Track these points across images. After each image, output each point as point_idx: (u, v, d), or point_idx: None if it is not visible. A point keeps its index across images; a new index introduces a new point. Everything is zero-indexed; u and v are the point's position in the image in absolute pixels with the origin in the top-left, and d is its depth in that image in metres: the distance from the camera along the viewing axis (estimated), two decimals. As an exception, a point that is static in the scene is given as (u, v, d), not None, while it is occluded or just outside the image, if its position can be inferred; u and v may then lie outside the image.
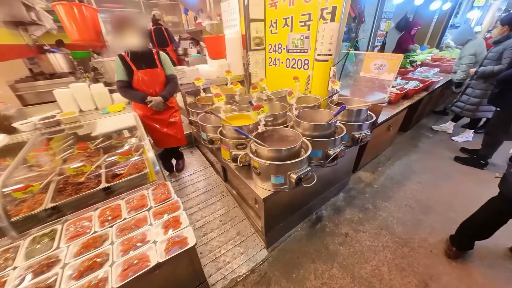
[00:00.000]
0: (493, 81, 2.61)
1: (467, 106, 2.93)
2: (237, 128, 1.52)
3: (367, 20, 4.96)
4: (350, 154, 2.20)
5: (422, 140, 3.42)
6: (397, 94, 2.65)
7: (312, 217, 2.06)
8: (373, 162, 2.88)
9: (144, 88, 1.84)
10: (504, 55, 2.42)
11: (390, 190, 2.37)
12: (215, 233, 1.85)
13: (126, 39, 1.62)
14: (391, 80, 1.96)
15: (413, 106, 3.04)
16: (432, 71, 3.78)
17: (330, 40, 2.08)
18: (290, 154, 1.43)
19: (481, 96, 2.78)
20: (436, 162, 2.83)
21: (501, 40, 2.49)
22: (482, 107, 2.82)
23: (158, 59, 1.87)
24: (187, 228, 1.12)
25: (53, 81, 2.64)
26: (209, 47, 2.68)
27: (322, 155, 1.72)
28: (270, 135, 1.72)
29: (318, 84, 2.40)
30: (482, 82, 2.74)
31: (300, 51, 2.53)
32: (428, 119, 4.16)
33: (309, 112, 1.96)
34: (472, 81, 2.86)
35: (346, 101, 2.16)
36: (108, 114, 2.12)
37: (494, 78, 2.56)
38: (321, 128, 1.66)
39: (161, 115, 2.01)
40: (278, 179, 1.44)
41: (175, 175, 2.52)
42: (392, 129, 2.75)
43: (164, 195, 1.34)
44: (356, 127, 1.92)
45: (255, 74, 3.19)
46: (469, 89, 2.90)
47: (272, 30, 2.81)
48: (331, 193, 2.29)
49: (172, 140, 2.15)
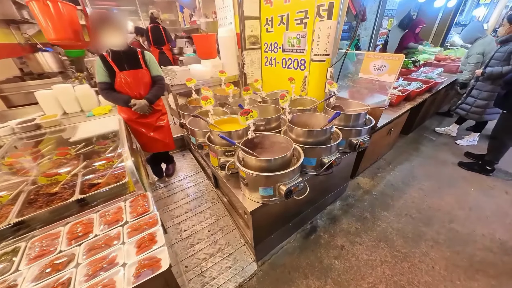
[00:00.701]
0: (501, 83, 2.48)
1: (473, 108, 2.79)
2: (222, 135, 1.41)
3: (369, 18, 4.81)
4: (348, 160, 2.08)
5: (424, 143, 3.28)
6: (398, 96, 2.52)
7: (306, 227, 1.95)
8: (373, 167, 2.75)
9: (128, 90, 1.73)
10: None
11: (390, 198, 2.25)
12: (202, 244, 1.75)
13: (105, 38, 1.51)
14: (391, 82, 1.84)
15: (415, 108, 2.91)
16: (436, 71, 3.64)
17: (327, 39, 1.96)
18: (280, 163, 1.31)
19: (488, 98, 2.63)
20: (439, 168, 2.70)
21: (509, 40, 2.34)
22: (490, 109, 2.68)
23: (143, 59, 1.76)
24: (161, 248, 1.01)
25: (41, 82, 2.55)
26: (199, 46, 2.56)
27: (316, 163, 1.61)
28: (261, 141, 1.61)
29: (314, 85, 2.28)
30: (489, 83, 2.60)
31: (297, 50, 2.41)
32: (432, 121, 4.01)
33: (304, 116, 1.84)
34: (478, 83, 2.72)
35: (344, 104, 2.04)
36: (93, 117, 2.02)
37: (502, 80, 2.43)
38: (315, 134, 1.55)
39: (147, 119, 1.90)
40: (267, 190, 1.33)
41: (164, 180, 2.42)
42: (393, 132, 2.62)
43: (142, 208, 1.24)
44: (354, 132, 1.80)
45: (251, 74, 3.07)
46: (474, 90, 2.76)
47: (268, 29, 2.69)
48: (327, 201, 2.17)
49: (160, 144, 2.04)
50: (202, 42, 2.45)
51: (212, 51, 2.59)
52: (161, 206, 2.08)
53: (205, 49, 2.53)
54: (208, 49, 2.53)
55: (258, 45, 2.92)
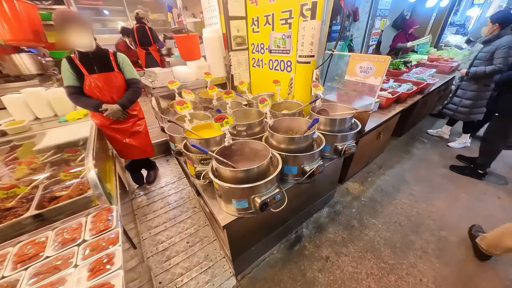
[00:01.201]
0: (486, 82, 2.44)
1: (459, 108, 2.75)
2: (193, 143, 1.31)
3: (361, 18, 4.73)
4: (334, 166, 2.00)
5: (416, 146, 3.21)
6: (388, 98, 2.44)
7: (291, 237, 1.86)
8: (363, 171, 2.68)
9: (99, 94, 1.63)
10: (496, 55, 2.24)
11: (379, 204, 2.17)
12: (179, 257, 1.65)
13: (69, 39, 1.41)
14: (377, 84, 1.76)
15: (407, 110, 2.84)
16: (428, 72, 3.58)
17: (312, 40, 1.87)
18: (256, 173, 1.22)
19: (473, 98, 2.61)
20: (430, 171, 2.63)
21: (491, 40, 2.30)
22: (476, 109, 2.64)
23: (115, 61, 1.66)
24: (116, 272, 0.92)
25: (14, 85, 2.43)
26: (181, 47, 2.46)
27: (297, 171, 1.52)
28: (240, 148, 1.52)
29: (300, 88, 2.20)
30: (473, 83, 2.57)
31: (282, 51, 2.32)
32: (425, 122, 3.96)
33: (287, 121, 1.76)
34: (462, 83, 2.70)
35: (330, 108, 1.96)
36: (66, 123, 1.91)
37: (486, 79, 2.41)
38: (295, 141, 1.46)
39: (122, 125, 1.80)
40: (241, 203, 1.24)
41: (145, 187, 2.31)
42: (383, 136, 2.54)
43: (104, 224, 1.14)
44: (340, 137, 1.72)
45: (238, 76, 2.97)
46: (460, 90, 2.74)
47: (254, 29, 2.60)
48: (314, 208, 2.09)
49: (136, 151, 1.94)
50: (184, 43, 2.35)
51: (195, 52, 2.49)
52: (139, 216, 1.98)
53: (188, 50, 2.43)
54: (190, 50, 2.43)
55: (245, 46, 2.83)
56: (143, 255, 1.64)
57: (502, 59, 2.17)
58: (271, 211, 1.29)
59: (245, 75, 3.02)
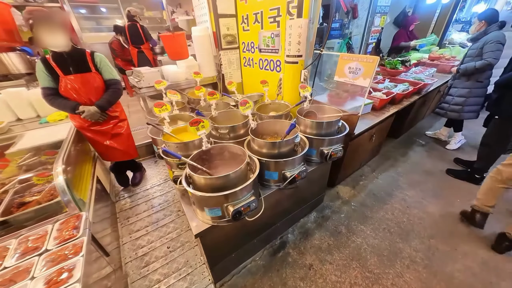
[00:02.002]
0: (477, 78, 2.42)
1: (451, 106, 2.66)
2: (164, 148, 1.26)
3: (361, 15, 4.60)
4: (322, 170, 1.93)
5: (413, 148, 3.12)
6: (381, 99, 2.35)
7: (275, 243, 1.81)
8: (356, 174, 2.60)
9: (75, 96, 1.59)
10: (484, 50, 2.25)
11: (370, 210, 2.10)
12: (158, 263, 1.61)
13: (41, 38, 1.36)
14: (366, 86, 1.67)
15: (404, 111, 2.74)
16: (428, 72, 3.45)
17: (299, 39, 1.80)
18: (231, 180, 1.17)
19: (465, 94, 2.54)
20: (426, 175, 2.54)
21: (478, 37, 2.33)
22: (468, 107, 2.56)
23: (92, 61, 1.61)
24: (73, 286, 0.88)
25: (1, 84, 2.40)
26: (167, 46, 2.40)
27: (278, 177, 1.46)
28: (219, 152, 1.46)
29: (289, 89, 2.12)
30: (465, 80, 2.52)
31: (272, 51, 2.25)
32: (424, 123, 3.84)
33: (270, 124, 1.69)
34: (455, 81, 2.64)
35: (318, 110, 1.89)
36: (47, 124, 1.88)
37: (478, 75, 2.40)
38: (275, 146, 1.40)
39: (101, 127, 1.75)
40: (214, 211, 1.18)
41: (130, 189, 2.28)
42: (376, 138, 2.46)
43: (69, 233, 1.10)
44: (326, 141, 1.65)
45: (229, 75, 2.91)
46: (452, 89, 2.67)
47: (245, 27, 2.53)
48: (301, 213, 2.03)
49: (118, 153, 1.90)
50: (170, 42, 2.29)
51: (182, 51, 2.43)
52: (121, 219, 1.95)
53: (175, 49, 2.37)
54: (177, 49, 2.37)
55: (235, 45, 2.75)
56: (121, 261, 1.61)
57: (491, 53, 2.19)
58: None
59: (237, 75, 2.95)
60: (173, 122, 1.97)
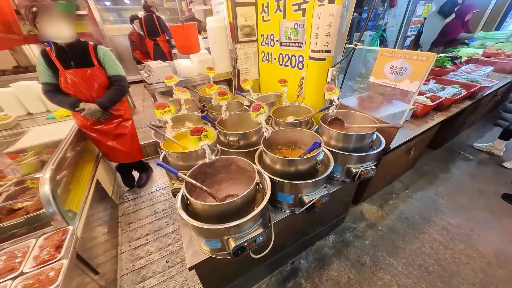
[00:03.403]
0: None
1: None
2: (159, 162, 1.06)
3: (399, 3, 4.01)
4: (348, 189, 1.63)
5: (457, 162, 2.63)
6: (425, 105, 1.94)
7: (285, 269, 1.58)
8: (384, 191, 2.24)
9: (76, 92, 1.46)
10: None
11: (401, 238, 1.76)
12: (155, 279, 1.47)
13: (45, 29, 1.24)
14: (414, 91, 1.32)
15: (448, 119, 2.28)
16: (483, 71, 2.86)
17: (328, 30, 1.48)
18: (234, 207, 0.94)
19: None
20: (474, 199, 2.09)
21: None
22: None
23: (95, 55, 1.46)
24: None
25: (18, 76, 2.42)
26: (176, 39, 2.20)
27: (294, 201, 1.21)
28: (225, 165, 1.25)
29: (312, 90, 1.82)
30: None
31: (294, 44, 1.95)
32: (471, 132, 3.26)
33: (287, 133, 1.43)
34: None
35: (347, 117, 1.57)
36: (53, 120, 1.82)
37: None
38: (291, 164, 1.14)
39: (103, 126, 1.63)
40: (212, 243, 0.98)
41: (135, 191, 2.18)
42: (415, 151, 2.06)
43: (49, 253, 0.97)
44: (355, 158, 1.35)
45: (245, 71, 2.66)
46: None
47: (264, 17, 2.24)
48: (318, 235, 1.76)
49: (121, 155, 1.78)
50: (179, 34, 2.09)
51: (192, 45, 2.22)
52: (122, 224, 1.85)
53: (184, 42, 2.17)
54: (187, 42, 2.17)
55: (254, 37, 2.48)
56: (117, 272, 1.50)
57: None
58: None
59: (254, 71, 2.69)
60: (180, 123, 1.80)
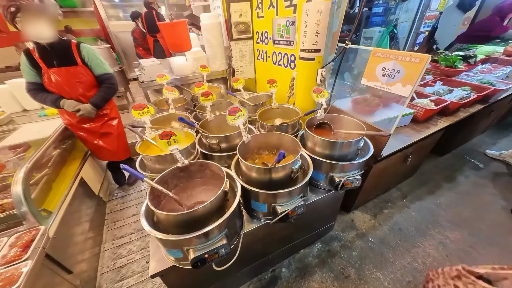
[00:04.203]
0: None
1: None
2: (124, 166, 1.04)
3: (412, -4, 3.74)
4: (333, 198, 1.55)
5: (464, 171, 2.44)
6: (427, 110, 1.79)
7: (265, 276, 1.54)
8: (380, 198, 2.12)
9: (59, 91, 1.47)
10: None
11: (392, 251, 1.66)
12: (134, 279, 1.48)
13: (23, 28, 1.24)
14: (405, 96, 1.20)
15: (457, 123, 2.08)
16: (502, 71, 2.61)
17: (317, 28, 1.38)
18: (197, 216, 0.90)
19: None
20: (479, 213, 1.93)
21: None
22: None
23: (78, 54, 1.46)
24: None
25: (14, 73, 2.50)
26: (167, 36, 2.16)
27: (267, 210, 1.16)
28: (199, 170, 1.21)
29: (302, 91, 1.74)
30: None
31: (286, 42, 1.86)
32: (483, 137, 3.01)
33: (268, 138, 1.36)
34: None
35: (335, 121, 1.48)
36: (45, 117, 1.86)
37: None
38: (263, 172, 1.08)
39: (89, 125, 1.64)
40: (174, 252, 0.95)
41: (125, 188, 2.20)
42: (414, 159, 1.92)
43: (16, 253, 0.98)
44: (339, 167, 1.27)
45: (241, 70, 2.59)
46: None
47: (259, 13, 2.15)
48: (302, 242, 1.70)
49: (107, 154, 1.79)
50: (169, 31, 2.05)
51: (182, 43, 2.18)
52: (109, 222, 1.88)
53: (173, 40, 2.12)
54: (177, 40, 2.12)
55: (249, 35, 2.40)
56: (98, 270, 1.52)
57: None
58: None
59: (249, 69, 2.61)
60: (168, 122, 1.78)
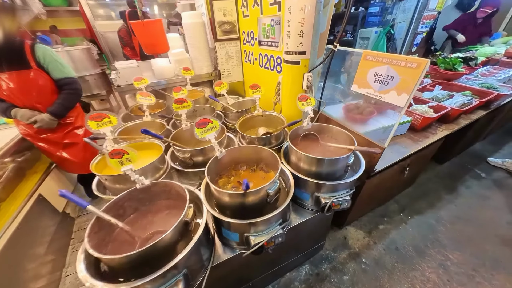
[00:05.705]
0: None
1: None
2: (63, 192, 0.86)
3: (410, -5, 3.61)
4: (321, 220, 1.38)
5: (466, 181, 2.28)
6: (425, 118, 1.63)
7: (245, 305, 1.36)
8: (376, 212, 1.96)
9: (11, 98, 1.30)
10: None
11: (388, 275, 1.49)
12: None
13: None
14: (401, 106, 1.04)
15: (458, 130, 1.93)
16: (503, 74, 2.46)
17: (301, 28, 1.22)
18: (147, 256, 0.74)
19: None
20: (483, 230, 1.77)
21: None
22: None
23: (33, 56, 1.29)
24: None
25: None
26: (140, 36, 1.99)
27: (240, 240, 0.99)
28: (164, 190, 1.04)
29: (288, 98, 1.58)
30: None
31: (271, 44, 1.70)
32: (486, 144, 2.86)
33: (244, 152, 1.19)
34: None
35: (323, 132, 1.32)
36: (5, 125, 1.68)
37: None
38: (234, 196, 0.92)
39: (50, 135, 1.46)
40: None
41: (98, 201, 2.02)
42: (411, 170, 1.76)
43: None
44: (324, 187, 1.10)
45: (227, 73, 2.42)
46: None
47: (244, 12, 1.99)
48: (289, 265, 1.53)
49: (73, 166, 1.61)
50: (140, 31, 1.87)
51: (158, 44, 2.00)
52: (75, 241, 1.70)
53: (147, 40, 1.94)
54: (151, 40, 1.94)
55: (235, 35, 2.24)
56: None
57: None
58: None
59: (237, 72, 2.45)
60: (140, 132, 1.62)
